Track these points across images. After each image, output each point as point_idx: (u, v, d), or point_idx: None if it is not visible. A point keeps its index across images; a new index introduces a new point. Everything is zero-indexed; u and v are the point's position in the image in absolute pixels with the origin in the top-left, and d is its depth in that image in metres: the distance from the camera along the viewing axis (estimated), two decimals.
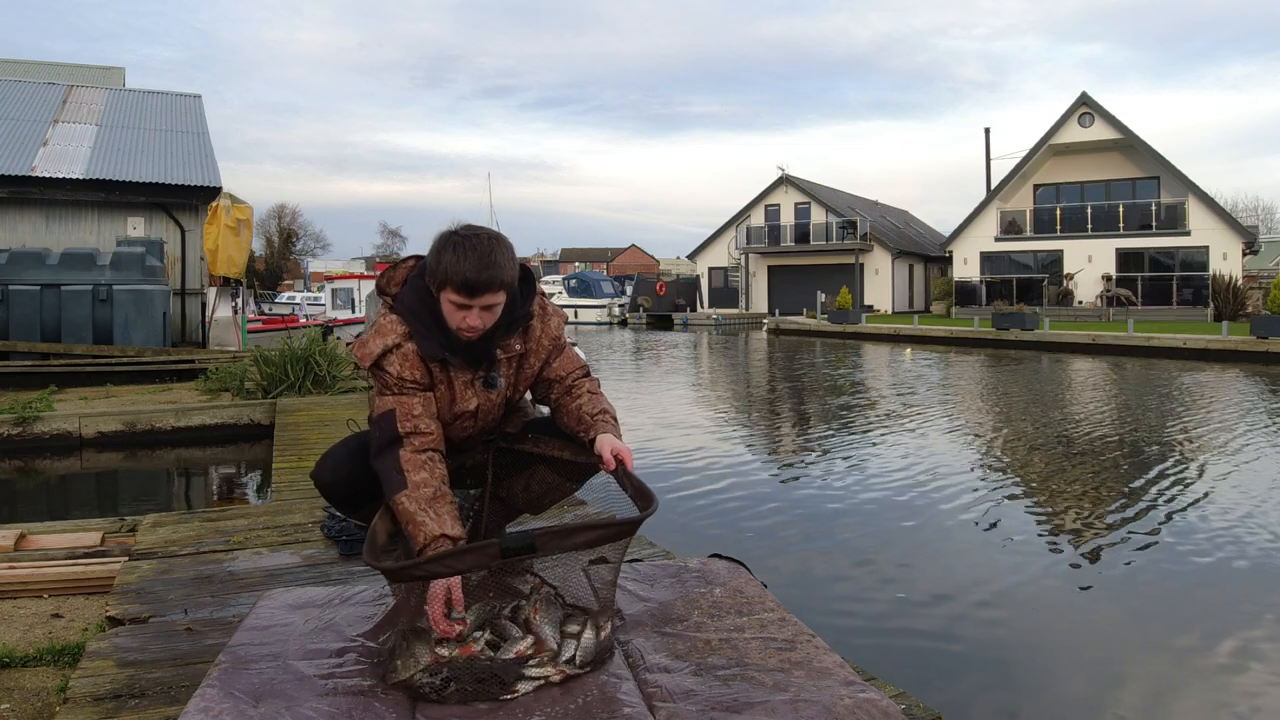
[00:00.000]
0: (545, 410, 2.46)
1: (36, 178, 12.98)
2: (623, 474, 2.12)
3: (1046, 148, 31.73)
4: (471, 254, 2.01)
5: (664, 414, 10.73)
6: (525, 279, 2.24)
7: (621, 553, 2.03)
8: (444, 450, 2.16)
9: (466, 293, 2.03)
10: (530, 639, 1.94)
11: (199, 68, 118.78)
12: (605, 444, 2.14)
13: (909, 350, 21.38)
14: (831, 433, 9.35)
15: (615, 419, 2.25)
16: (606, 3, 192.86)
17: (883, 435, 8.96)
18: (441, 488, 2.06)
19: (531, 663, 1.90)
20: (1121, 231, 30.16)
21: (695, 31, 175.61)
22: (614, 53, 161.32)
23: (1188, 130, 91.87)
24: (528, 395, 2.45)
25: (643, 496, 2.04)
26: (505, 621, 1.97)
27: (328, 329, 17.64)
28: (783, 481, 6.99)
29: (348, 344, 14.23)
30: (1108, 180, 31.77)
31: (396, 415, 2.10)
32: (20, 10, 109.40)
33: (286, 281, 55.88)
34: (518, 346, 2.25)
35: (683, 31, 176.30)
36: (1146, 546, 5.08)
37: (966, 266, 32.85)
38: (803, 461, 7.82)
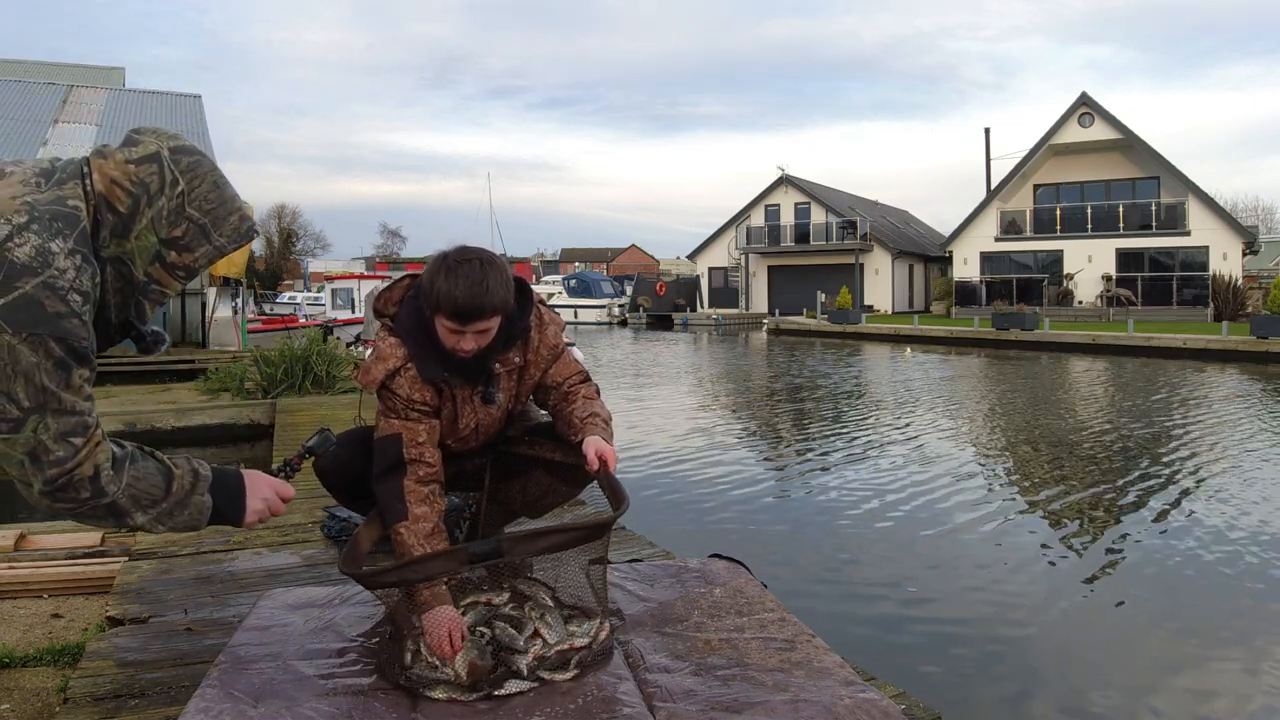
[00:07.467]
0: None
1: None
2: (603, 475, 2.14)
3: (1047, 148, 31.72)
4: (463, 280, 2.01)
5: (664, 414, 10.73)
6: (522, 291, 2.24)
7: (604, 551, 2.04)
8: (444, 480, 2.20)
9: (458, 320, 2.04)
10: (532, 629, 1.95)
11: (207, 68, 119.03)
12: (590, 445, 2.16)
13: (909, 350, 21.37)
14: (832, 433, 9.35)
15: (606, 422, 2.26)
16: (615, 4, 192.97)
17: (883, 436, 8.96)
18: (439, 525, 2.11)
19: (532, 651, 1.91)
20: (1121, 231, 30.14)
21: (703, 32, 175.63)
22: (621, 53, 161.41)
23: (1190, 131, 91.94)
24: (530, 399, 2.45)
25: (616, 498, 2.06)
26: (504, 623, 1.98)
27: (328, 329, 17.62)
28: (783, 482, 6.99)
29: (348, 344, 14.24)
30: (1108, 180, 31.75)
31: (403, 441, 2.13)
32: (30, 11, 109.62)
33: (286, 282, 55.81)
34: (516, 359, 2.26)
35: (690, 32, 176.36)
36: (1148, 548, 5.08)
37: (966, 266, 32.84)
38: (803, 462, 7.83)
